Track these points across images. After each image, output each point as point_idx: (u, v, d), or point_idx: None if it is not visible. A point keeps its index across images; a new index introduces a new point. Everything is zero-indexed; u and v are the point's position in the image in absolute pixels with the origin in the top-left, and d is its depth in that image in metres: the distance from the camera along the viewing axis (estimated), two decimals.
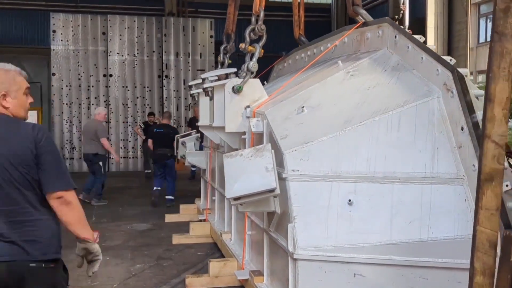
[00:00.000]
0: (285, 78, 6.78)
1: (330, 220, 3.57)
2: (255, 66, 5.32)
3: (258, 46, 5.47)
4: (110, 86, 16.59)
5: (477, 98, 3.49)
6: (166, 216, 8.87)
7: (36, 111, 17.88)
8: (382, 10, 17.60)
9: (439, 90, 3.74)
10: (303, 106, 4.26)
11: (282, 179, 3.70)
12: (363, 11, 5.29)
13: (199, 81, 6.43)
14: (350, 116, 3.87)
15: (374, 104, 3.92)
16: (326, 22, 21.19)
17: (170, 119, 11.53)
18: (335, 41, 5.89)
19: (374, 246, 3.50)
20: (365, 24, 5.21)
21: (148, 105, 16.92)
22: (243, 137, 5.08)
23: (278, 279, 4.20)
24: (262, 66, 6.58)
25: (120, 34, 16.60)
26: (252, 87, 5.25)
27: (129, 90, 16.77)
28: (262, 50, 5.50)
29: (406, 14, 13.45)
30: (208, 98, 5.92)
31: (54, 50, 16.23)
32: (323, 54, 6.06)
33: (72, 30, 16.35)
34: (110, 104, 16.56)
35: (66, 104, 16.25)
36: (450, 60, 3.84)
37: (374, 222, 3.54)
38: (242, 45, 5.54)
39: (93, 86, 16.53)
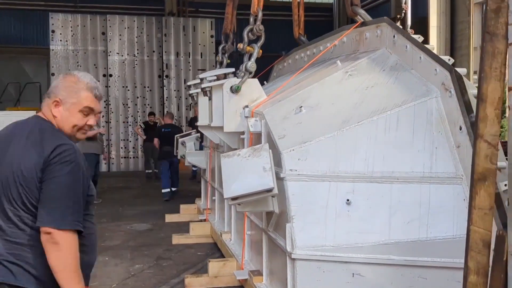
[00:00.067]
0: (284, 78, 6.77)
1: (329, 220, 3.57)
2: (253, 66, 5.31)
3: (257, 46, 5.47)
4: (110, 86, 16.61)
5: (475, 97, 3.49)
6: (166, 216, 8.88)
7: (35, 111, 17.86)
8: (384, 9, 17.56)
9: (438, 89, 3.74)
10: (301, 106, 4.26)
11: (280, 179, 3.70)
12: (362, 11, 5.29)
13: (198, 81, 6.43)
14: (349, 116, 3.87)
15: (373, 104, 3.92)
16: (328, 22, 21.14)
17: (173, 119, 11.76)
18: (334, 41, 5.88)
19: (373, 246, 3.50)
20: (363, 24, 5.21)
21: (148, 105, 16.94)
22: (242, 137, 5.08)
23: (277, 279, 4.19)
24: (262, 66, 6.57)
25: (119, 34, 16.62)
26: (250, 87, 5.25)
27: (129, 90, 16.79)
28: (260, 50, 5.50)
29: (408, 14, 13.45)
30: (207, 98, 5.92)
31: (53, 50, 16.25)
32: (322, 54, 6.06)
33: (71, 30, 16.37)
34: (110, 104, 16.58)
35: None
36: (448, 59, 3.84)
37: (372, 222, 3.54)
38: (241, 45, 5.54)
39: None
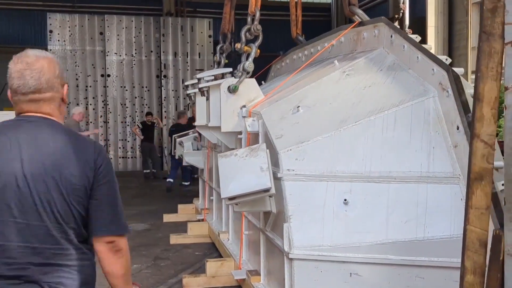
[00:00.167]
0: (282, 78, 6.77)
1: (326, 219, 3.56)
2: (251, 66, 5.31)
3: (254, 46, 5.46)
4: (108, 86, 16.59)
5: (472, 97, 3.49)
6: (164, 216, 8.87)
7: None
8: (382, 9, 17.56)
9: (435, 89, 3.74)
10: (299, 106, 4.26)
11: (277, 179, 3.70)
12: (359, 11, 5.29)
13: (195, 81, 6.43)
14: (346, 115, 3.87)
15: (370, 103, 3.91)
16: (326, 22, 21.13)
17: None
18: (332, 40, 5.88)
19: (370, 246, 3.49)
20: (361, 23, 5.21)
21: (146, 105, 16.93)
22: (239, 136, 5.08)
23: (275, 279, 4.19)
24: (260, 66, 6.56)
25: (117, 34, 16.60)
26: (248, 87, 5.25)
27: (127, 90, 16.77)
28: (258, 50, 5.49)
29: (406, 14, 13.43)
30: (204, 98, 5.92)
31: (51, 50, 16.19)
32: (320, 54, 6.06)
33: (69, 30, 16.35)
34: (108, 104, 16.57)
35: None
36: (445, 59, 3.84)
37: (370, 222, 3.54)
38: (238, 45, 5.54)
39: (90, 86, 16.54)
